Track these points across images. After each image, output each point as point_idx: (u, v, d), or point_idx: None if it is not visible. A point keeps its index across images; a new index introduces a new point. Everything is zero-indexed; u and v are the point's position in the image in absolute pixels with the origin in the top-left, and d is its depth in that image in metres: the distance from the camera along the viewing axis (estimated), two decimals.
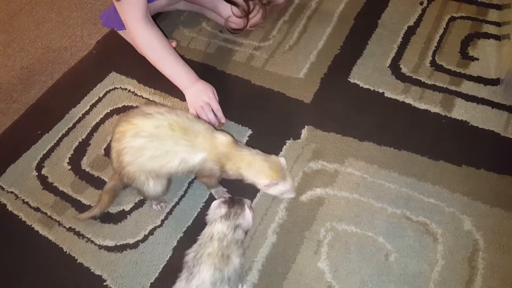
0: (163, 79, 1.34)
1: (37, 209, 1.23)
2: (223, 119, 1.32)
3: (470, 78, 1.37)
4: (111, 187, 1.16)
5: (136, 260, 1.11)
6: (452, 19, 1.53)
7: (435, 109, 1.31)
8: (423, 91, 1.35)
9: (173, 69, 1.31)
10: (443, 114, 1.29)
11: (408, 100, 1.34)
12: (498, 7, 1.54)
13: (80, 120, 1.43)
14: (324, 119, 1.33)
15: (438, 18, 1.54)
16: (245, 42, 1.57)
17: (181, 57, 1.33)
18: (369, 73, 1.42)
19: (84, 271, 1.11)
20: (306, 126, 1.32)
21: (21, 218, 1.22)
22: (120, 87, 1.50)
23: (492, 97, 1.31)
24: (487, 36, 1.47)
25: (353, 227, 1.11)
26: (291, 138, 1.30)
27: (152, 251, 1.12)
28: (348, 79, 1.42)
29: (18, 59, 1.68)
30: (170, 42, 1.52)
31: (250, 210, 1.03)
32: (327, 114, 1.34)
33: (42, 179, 1.30)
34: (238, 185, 1.15)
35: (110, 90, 1.50)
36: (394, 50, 1.47)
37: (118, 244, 1.14)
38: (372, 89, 1.38)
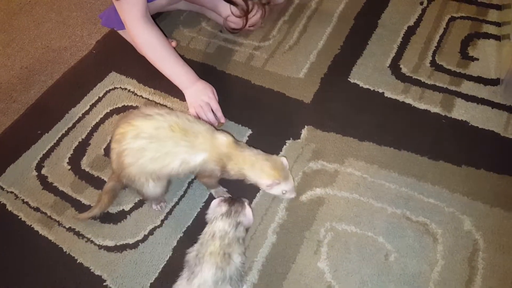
0: (163, 79, 1.34)
1: (37, 209, 1.23)
2: (223, 119, 1.32)
3: (470, 78, 1.37)
4: (111, 187, 1.15)
5: (136, 260, 1.11)
6: (452, 19, 1.53)
7: (435, 109, 1.31)
8: (423, 91, 1.35)
9: (172, 68, 1.31)
10: (443, 114, 1.30)
11: (408, 100, 1.34)
12: (498, 7, 1.54)
13: (80, 120, 1.43)
14: (324, 119, 1.33)
15: (438, 18, 1.54)
16: (245, 42, 1.57)
17: (180, 57, 1.33)
18: (369, 73, 1.42)
19: (84, 271, 1.11)
20: (306, 126, 1.32)
21: (20, 218, 1.22)
22: (120, 87, 1.50)
23: (492, 97, 1.31)
24: (487, 36, 1.47)
25: (353, 227, 1.11)
26: (291, 138, 1.29)
27: (152, 251, 1.12)
28: (348, 79, 1.42)
29: (18, 59, 1.68)
30: (170, 42, 1.52)
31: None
32: (327, 114, 1.34)
33: (42, 179, 1.29)
34: (238, 185, 1.15)
35: (110, 90, 1.50)
36: (394, 50, 1.47)
37: (118, 244, 1.14)
38: (372, 89, 1.38)
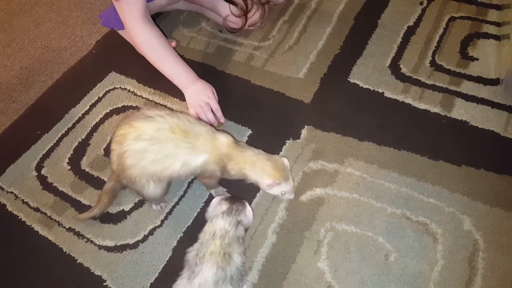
0: (163, 79, 1.34)
1: (36, 209, 1.23)
2: (222, 119, 1.32)
3: (470, 78, 1.37)
4: (110, 188, 1.15)
5: (136, 260, 1.11)
6: (452, 19, 1.53)
7: (435, 109, 1.31)
8: (423, 91, 1.35)
9: (172, 68, 1.31)
10: (443, 114, 1.30)
11: (408, 100, 1.34)
12: (498, 7, 1.54)
13: (79, 120, 1.43)
14: (324, 119, 1.33)
15: (438, 18, 1.54)
16: (245, 42, 1.57)
17: (180, 57, 1.33)
18: (369, 73, 1.42)
19: (84, 271, 1.11)
20: (306, 126, 1.32)
21: (20, 218, 1.22)
22: (120, 87, 1.50)
23: (492, 97, 1.31)
24: (487, 36, 1.47)
25: (353, 227, 1.11)
26: (291, 138, 1.29)
27: (152, 251, 1.12)
28: (348, 79, 1.42)
29: (18, 59, 1.68)
30: (170, 42, 1.52)
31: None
32: (327, 114, 1.34)
33: (42, 179, 1.29)
34: (237, 185, 1.15)
35: (110, 90, 1.50)
36: (394, 50, 1.47)
37: (118, 244, 1.14)
38: (372, 89, 1.38)
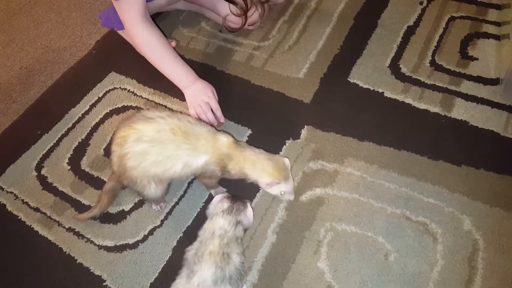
0: (163, 79, 1.34)
1: (36, 209, 1.23)
2: (222, 119, 1.32)
3: (469, 78, 1.37)
4: (110, 188, 1.15)
5: (136, 260, 1.11)
6: (452, 19, 1.53)
7: (434, 109, 1.31)
8: (422, 91, 1.35)
9: (172, 68, 1.31)
10: (443, 114, 1.30)
11: (408, 100, 1.34)
12: (497, 7, 1.54)
13: (79, 120, 1.43)
14: (323, 119, 1.33)
15: (438, 18, 1.54)
16: (245, 42, 1.57)
17: (180, 57, 1.33)
18: (369, 73, 1.42)
19: (83, 271, 1.11)
20: (305, 126, 1.32)
21: (20, 218, 1.22)
22: (120, 87, 1.50)
23: (491, 97, 1.31)
24: (486, 36, 1.47)
25: (353, 227, 1.11)
26: (290, 138, 1.29)
27: (151, 251, 1.12)
28: (348, 79, 1.42)
29: (18, 59, 1.68)
30: (170, 41, 1.52)
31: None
32: (327, 114, 1.34)
33: (42, 179, 1.29)
34: (237, 185, 1.15)
35: (110, 90, 1.50)
36: (393, 50, 1.47)
37: (118, 244, 1.14)
38: (371, 89, 1.38)
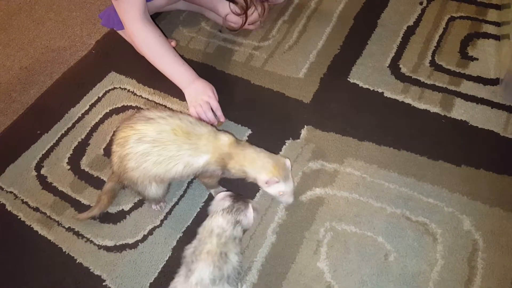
0: (163, 79, 1.34)
1: (36, 209, 1.23)
2: (222, 118, 1.32)
3: (469, 78, 1.37)
4: (110, 188, 1.16)
5: (136, 260, 1.11)
6: (452, 19, 1.53)
7: (434, 109, 1.31)
8: (422, 91, 1.35)
9: (172, 68, 1.31)
10: (443, 114, 1.29)
11: (408, 100, 1.34)
12: (497, 7, 1.54)
13: (79, 120, 1.43)
14: (323, 119, 1.33)
15: (438, 18, 1.54)
16: (245, 42, 1.57)
17: (180, 56, 1.33)
18: (369, 73, 1.42)
19: (83, 271, 1.11)
20: (305, 126, 1.32)
21: (20, 218, 1.22)
22: (120, 87, 1.50)
23: (491, 97, 1.31)
24: (486, 36, 1.47)
25: (353, 227, 1.11)
26: (290, 138, 1.29)
27: (151, 251, 1.12)
28: (348, 79, 1.42)
29: (17, 59, 1.68)
30: (170, 41, 1.52)
31: (254, 211, 1.01)
32: (327, 114, 1.34)
33: (42, 179, 1.29)
34: (237, 186, 1.15)
35: (110, 90, 1.50)
36: (393, 50, 1.47)
37: (118, 244, 1.14)
38: (371, 89, 1.38)
